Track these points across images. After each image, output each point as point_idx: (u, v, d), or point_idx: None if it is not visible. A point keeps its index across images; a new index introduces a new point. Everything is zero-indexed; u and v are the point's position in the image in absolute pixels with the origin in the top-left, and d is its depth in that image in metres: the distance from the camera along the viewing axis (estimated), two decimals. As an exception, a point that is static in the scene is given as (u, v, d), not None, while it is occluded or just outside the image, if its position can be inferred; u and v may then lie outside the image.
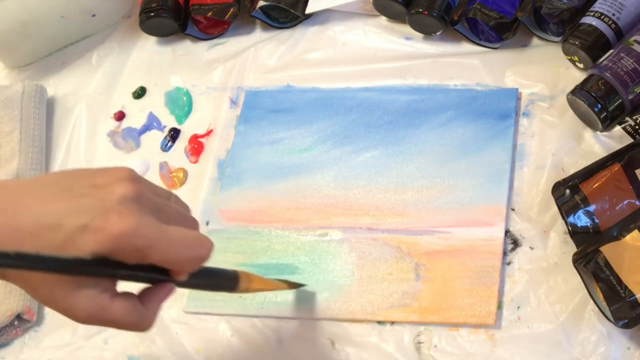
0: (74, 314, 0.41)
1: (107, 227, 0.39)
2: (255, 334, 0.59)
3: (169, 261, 0.42)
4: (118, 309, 0.42)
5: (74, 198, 0.40)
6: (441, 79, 0.68)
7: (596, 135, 0.60)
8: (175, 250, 0.41)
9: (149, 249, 0.40)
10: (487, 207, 0.59)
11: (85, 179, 0.42)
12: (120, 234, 0.39)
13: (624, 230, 0.52)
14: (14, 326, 0.63)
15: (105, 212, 0.39)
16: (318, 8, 0.74)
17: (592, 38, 0.62)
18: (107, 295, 0.42)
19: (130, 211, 0.40)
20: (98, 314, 0.41)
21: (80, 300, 0.41)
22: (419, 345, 0.55)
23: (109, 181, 0.41)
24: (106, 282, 0.42)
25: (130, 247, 0.40)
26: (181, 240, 0.42)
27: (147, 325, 0.44)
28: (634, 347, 0.51)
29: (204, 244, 0.43)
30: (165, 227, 0.41)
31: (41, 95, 0.76)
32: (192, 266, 0.43)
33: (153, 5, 0.76)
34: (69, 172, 0.43)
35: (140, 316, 0.43)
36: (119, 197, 0.40)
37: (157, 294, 0.44)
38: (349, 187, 0.64)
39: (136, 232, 0.39)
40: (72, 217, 0.39)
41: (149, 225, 0.40)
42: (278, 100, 0.71)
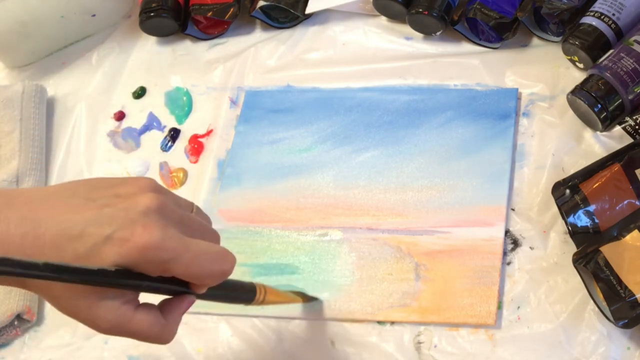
0: (97, 324, 0.41)
1: (131, 239, 0.39)
2: (255, 334, 0.59)
3: (192, 275, 0.41)
4: (141, 321, 0.42)
5: (98, 208, 0.40)
6: (441, 79, 0.68)
7: (596, 135, 0.60)
8: (199, 264, 0.41)
9: (172, 262, 0.40)
10: (487, 207, 0.59)
11: (107, 189, 0.42)
12: (144, 246, 0.39)
13: (624, 230, 0.52)
14: (14, 326, 0.63)
15: (130, 224, 0.39)
16: (318, 8, 0.74)
17: (592, 38, 0.62)
18: (129, 307, 0.41)
19: (154, 223, 0.39)
20: (121, 325, 0.41)
21: (104, 312, 0.40)
22: (419, 345, 0.55)
23: (132, 191, 0.41)
24: (129, 294, 0.41)
25: (154, 260, 0.39)
26: (205, 255, 0.42)
27: (169, 338, 0.44)
28: (634, 347, 0.51)
29: (228, 259, 0.43)
30: (189, 241, 0.41)
31: (41, 95, 0.76)
32: (215, 281, 0.43)
33: (153, 5, 0.76)
34: (90, 181, 0.43)
35: (162, 329, 0.43)
36: (144, 208, 0.40)
37: (178, 305, 0.44)
38: (349, 187, 0.64)
39: (161, 245, 0.39)
40: (96, 227, 0.39)
41: (173, 238, 0.40)
42: (278, 100, 0.71)
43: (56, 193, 0.41)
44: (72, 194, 0.41)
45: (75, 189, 0.42)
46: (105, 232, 0.39)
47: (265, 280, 0.60)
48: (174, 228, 0.41)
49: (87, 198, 0.41)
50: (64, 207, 0.40)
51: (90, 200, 0.40)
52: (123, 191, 0.41)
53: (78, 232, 0.39)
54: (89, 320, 0.41)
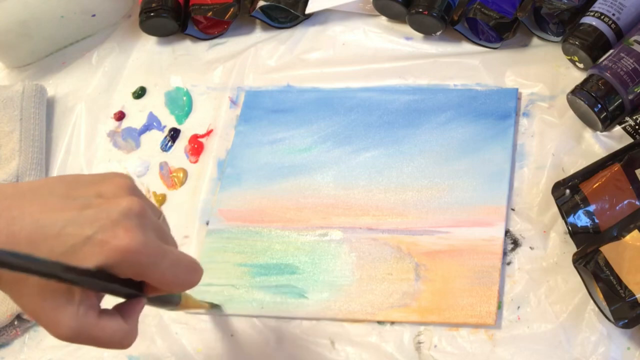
0: (56, 330, 0.40)
1: (112, 241, 0.38)
2: (255, 334, 0.59)
3: (165, 282, 0.41)
4: (104, 327, 0.41)
5: (78, 208, 0.39)
6: (441, 79, 0.68)
7: (596, 135, 0.60)
8: (174, 273, 0.41)
9: (150, 268, 0.40)
10: (487, 207, 0.59)
11: (87, 187, 0.41)
12: (126, 249, 0.38)
13: (624, 230, 0.52)
14: (14, 326, 0.63)
15: (112, 226, 0.38)
16: (318, 8, 0.74)
17: (592, 38, 0.62)
18: (92, 314, 0.40)
19: (136, 227, 0.39)
20: (84, 332, 0.40)
21: (65, 318, 0.39)
22: (419, 345, 0.55)
23: (113, 192, 0.41)
24: (93, 299, 0.41)
25: (133, 263, 0.39)
26: (180, 264, 0.42)
27: (131, 342, 0.43)
28: (634, 347, 0.51)
29: (198, 270, 0.43)
30: (167, 248, 0.41)
31: (41, 95, 0.76)
32: (182, 289, 0.43)
33: (153, 5, 0.76)
34: (66, 178, 0.42)
35: (125, 333, 0.42)
36: (125, 211, 0.39)
37: (135, 309, 0.43)
38: (349, 187, 0.64)
39: (141, 249, 0.39)
40: (76, 228, 0.38)
41: (153, 244, 0.40)
42: (278, 100, 0.71)
43: (32, 190, 0.41)
44: (49, 192, 0.40)
45: (52, 186, 0.41)
46: (86, 232, 0.38)
47: (265, 280, 0.60)
48: (153, 233, 0.40)
49: (65, 196, 0.40)
50: (41, 205, 0.39)
51: (70, 199, 0.40)
52: (104, 191, 0.41)
53: (56, 231, 0.38)
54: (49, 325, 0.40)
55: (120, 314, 0.42)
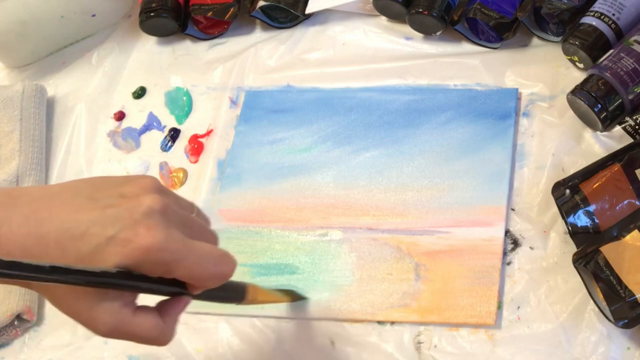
0: (96, 327, 0.41)
1: (134, 240, 0.39)
2: (255, 334, 0.59)
3: (194, 277, 0.41)
4: (140, 323, 0.42)
5: (101, 208, 0.40)
6: (441, 79, 0.68)
7: (596, 135, 0.60)
8: (201, 267, 0.41)
9: (175, 264, 0.40)
10: (487, 207, 0.59)
11: (111, 189, 0.41)
12: (147, 248, 0.39)
13: (624, 230, 0.51)
14: (14, 326, 0.63)
15: (133, 225, 0.39)
16: (318, 8, 0.74)
17: (592, 38, 0.61)
18: (128, 310, 0.41)
19: (158, 225, 0.39)
20: (120, 328, 0.41)
21: (103, 314, 0.40)
22: (419, 345, 0.55)
23: (136, 192, 0.41)
24: (127, 296, 0.41)
25: (157, 261, 0.39)
26: (207, 257, 0.42)
27: (167, 340, 0.44)
28: (634, 347, 0.51)
29: (229, 262, 0.43)
30: (192, 243, 0.41)
31: (41, 95, 0.76)
32: (216, 283, 0.43)
33: (153, 5, 0.76)
34: (93, 180, 0.43)
35: (161, 331, 0.43)
36: (147, 210, 0.40)
37: (175, 307, 0.44)
38: (349, 187, 0.63)
39: (164, 246, 0.39)
40: (99, 228, 0.39)
41: (176, 240, 0.40)
42: (278, 100, 0.71)
43: (59, 192, 0.41)
44: (75, 194, 0.41)
45: (78, 188, 0.42)
46: (109, 232, 0.39)
47: (265, 280, 0.60)
48: (177, 230, 0.41)
49: (90, 198, 0.41)
50: (67, 206, 0.40)
51: (94, 200, 0.40)
52: (127, 191, 0.41)
53: (81, 232, 0.39)
54: (89, 323, 0.41)
55: (158, 312, 0.43)
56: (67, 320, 0.64)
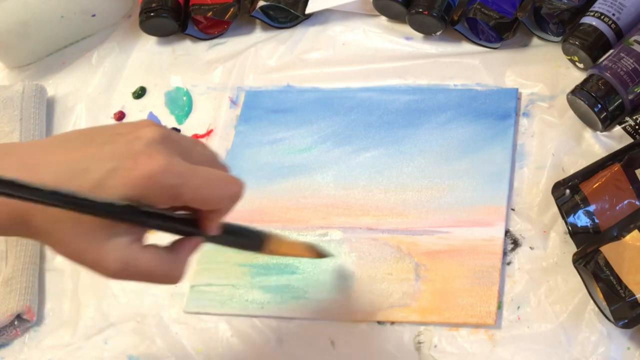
0: (104, 266, 0.40)
1: (136, 168, 0.38)
2: (255, 334, 0.59)
3: (202, 199, 0.41)
4: (149, 259, 0.41)
5: (99, 146, 0.40)
6: (441, 79, 0.68)
7: (596, 135, 0.60)
8: (208, 188, 0.41)
9: (181, 187, 0.39)
10: (487, 207, 0.59)
11: (106, 130, 0.41)
12: (151, 174, 0.38)
13: (624, 230, 0.51)
14: (14, 326, 0.63)
15: (133, 155, 0.39)
16: (318, 8, 0.74)
17: (592, 38, 0.61)
18: (137, 246, 0.41)
19: (159, 152, 0.39)
20: (129, 265, 0.40)
21: (111, 251, 0.40)
22: (419, 345, 0.55)
23: (132, 128, 0.41)
24: (136, 233, 0.41)
25: (162, 186, 0.39)
26: (213, 178, 0.41)
27: (177, 277, 0.43)
28: (634, 347, 0.51)
29: (236, 182, 0.42)
30: (196, 166, 0.41)
31: (41, 95, 0.76)
32: (227, 204, 0.42)
33: (153, 5, 0.76)
34: (89, 128, 0.43)
35: (170, 267, 0.42)
36: (146, 141, 0.40)
37: (186, 245, 0.43)
38: (349, 187, 0.63)
39: (167, 169, 0.39)
40: (98, 163, 0.39)
41: (179, 164, 0.40)
42: (278, 100, 0.71)
43: (54, 140, 0.41)
44: (70, 139, 0.41)
45: (74, 134, 0.42)
46: (109, 166, 0.38)
47: (265, 280, 0.60)
48: (179, 157, 0.40)
49: (86, 141, 0.40)
50: (62, 150, 0.40)
51: (90, 141, 0.40)
52: (123, 130, 0.41)
53: (81, 169, 0.39)
54: (96, 262, 0.40)
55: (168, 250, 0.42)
56: (67, 320, 0.64)
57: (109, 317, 0.62)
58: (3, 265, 0.64)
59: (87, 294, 0.64)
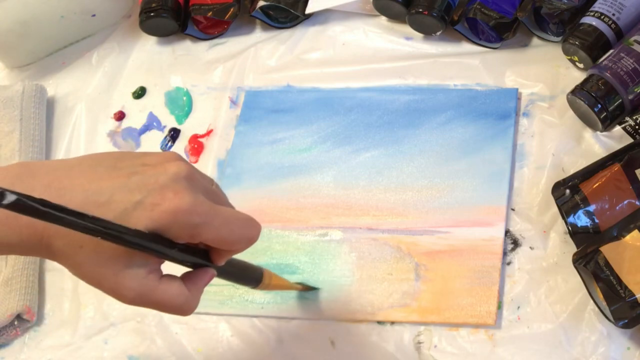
0: (121, 293, 0.41)
1: (162, 204, 0.39)
2: (255, 334, 0.59)
3: (222, 239, 0.42)
4: (165, 290, 0.42)
5: (126, 176, 0.40)
6: (441, 79, 0.68)
7: (596, 135, 0.60)
8: (229, 229, 0.42)
9: (203, 227, 0.40)
10: (487, 207, 0.59)
11: (133, 159, 0.42)
12: (176, 210, 0.39)
13: (624, 230, 0.52)
14: (14, 326, 0.63)
15: (160, 189, 0.39)
16: (318, 8, 0.74)
17: (592, 38, 0.62)
18: (155, 277, 0.41)
19: (185, 189, 0.40)
20: (146, 294, 0.41)
21: (129, 280, 0.40)
22: (419, 345, 0.55)
23: (158, 160, 0.41)
24: (154, 264, 0.41)
25: (186, 224, 0.39)
26: (234, 220, 0.42)
27: (191, 309, 0.44)
28: (634, 347, 0.51)
29: (255, 225, 0.44)
30: (218, 207, 0.41)
31: (41, 95, 0.76)
32: (243, 246, 0.43)
33: (153, 5, 0.76)
34: (113, 153, 0.43)
35: (186, 299, 0.43)
36: (173, 175, 0.40)
37: (201, 278, 0.44)
38: (349, 187, 0.64)
39: (192, 209, 0.39)
40: (125, 194, 0.39)
41: (204, 204, 0.40)
42: (278, 100, 0.71)
43: (80, 163, 0.41)
44: (96, 164, 0.41)
45: (99, 159, 0.42)
46: (135, 198, 0.39)
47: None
48: (203, 195, 0.41)
49: (112, 168, 0.41)
50: (88, 175, 0.40)
51: (117, 169, 0.40)
52: (149, 161, 0.41)
53: (106, 198, 0.39)
54: (114, 289, 0.41)
55: (183, 281, 0.43)
56: (67, 320, 0.64)
57: (109, 317, 0.62)
58: (3, 265, 0.64)
59: (87, 294, 0.64)
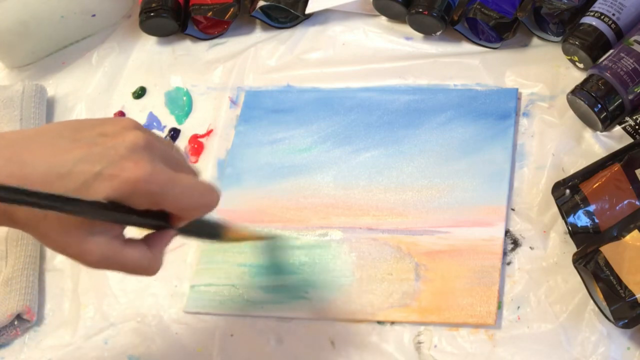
0: (86, 258, 0.42)
1: (122, 174, 0.40)
2: (255, 334, 0.59)
3: (181, 207, 0.43)
4: (129, 253, 0.43)
5: (84, 147, 0.41)
6: (441, 79, 0.68)
7: (596, 135, 0.60)
8: (188, 197, 0.43)
9: (162, 195, 0.42)
10: (487, 207, 0.59)
11: (91, 129, 0.43)
12: (136, 180, 0.40)
13: (624, 230, 0.52)
14: (14, 326, 0.63)
15: (119, 160, 0.40)
16: (318, 8, 0.74)
17: (592, 38, 0.62)
18: (118, 242, 0.43)
19: (143, 158, 0.41)
20: (111, 258, 0.42)
21: (93, 246, 0.42)
22: (419, 345, 0.55)
23: (117, 130, 0.42)
24: (116, 229, 0.43)
25: (145, 193, 0.41)
26: (193, 188, 0.44)
27: (155, 269, 0.45)
28: (634, 347, 0.51)
29: (213, 192, 0.45)
30: (177, 175, 0.43)
31: (41, 95, 0.76)
32: (201, 213, 0.45)
33: (153, 5, 0.76)
34: (70, 122, 0.44)
35: (149, 261, 0.45)
36: (131, 145, 0.41)
37: (162, 239, 0.46)
38: (349, 187, 0.64)
39: (151, 178, 0.41)
40: (85, 165, 0.40)
41: (162, 172, 0.42)
42: (278, 100, 0.71)
43: (39, 135, 0.42)
44: (56, 135, 0.42)
45: (57, 130, 0.43)
46: (95, 169, 0.40)
47: (265, 280, 0.60)
48: (162, 163, 0.42)
49: (71, 139, 0.42)
50: (49, 148, 0.41)
51: (76, 140, 0.42)
52: (108, 130, 0.42)
53: (67, 170, 0.40)
54: (78, 255, 0.42)
55: (146, 243, 0.45)
56: (67, 320, 0.64)
57: (109, 317, 0.62)
58: (3, 265, 0.64)
59: (87, 294, 0.64)
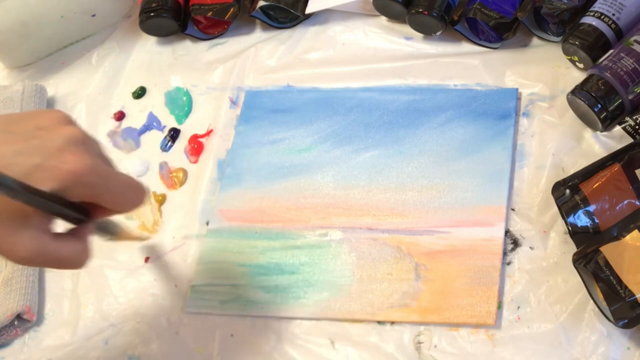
0: (16, 253, 0.42)
1: (63, 166, 0.41)
2: (255, 334, 0.59)
3: (114, 201, 0.45)
4: (61, 247, 0.44)
5: (22, 140, 0.41)
6: (441, 79, 0.68)
7: (596, 135, 0.60)
8: (122, 192, 0.45)
9: (101, 187, 0.43)
10: (487, 207, 0.59)
11: (24, 122, 0.43)
12: (77, 171, 0.41)
13: (624, 230, 0.52)
14: (14, 326, 0.63)
15: (59, 152, 0.41)
16: (318, 8, 0.74)
17: (592, 38, 0.62)
18: (49, 236, 0.43)
19: (83, 152, 0.42)
20: (42, 252, 0.43)
21: (26, 240, 0.42)
22: (419, 345, 0.55)
23: (51, 124, 0.43)
24: (47, 223, 0.43)
25: (86, 185, 0.42)
26: (127, 185, 0.46)
27: (85, 261, 0.46)
28: (634, 347, 0.51)
29: (143, 190, 0.47)
30: (113, 170, 0.44)
31: (41, 95, 0.76)
32: (132, 208, 0.47)
33: (153, 5, 0.76)
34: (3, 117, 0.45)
35: (80, 253, 0.45)
36: (70, 138, 0.42)
37: (85, 232, 0.47)
38: (349, 187, 0.64)
39: (92, 170, 0.42)
40: (24, 157, 0.41)
41: (101, 166, 0.43)
42: (278, 100, 0.71)
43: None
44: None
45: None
46: (35, 161, 0.41)
47: (265, 280, 0.60)
48: (98, 158, 0.44)
49: (7, 132, 0.42)
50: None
51: (11, 133, 0.42)
52: (43, 123, 0.43)
53: (6, 162, 0.40)
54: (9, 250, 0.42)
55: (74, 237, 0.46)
56: (67, 320, 0.65)
57: (109, 317, 0.62)
58: (3, 265, 0.64)
59: (87, 294, 0.64)
